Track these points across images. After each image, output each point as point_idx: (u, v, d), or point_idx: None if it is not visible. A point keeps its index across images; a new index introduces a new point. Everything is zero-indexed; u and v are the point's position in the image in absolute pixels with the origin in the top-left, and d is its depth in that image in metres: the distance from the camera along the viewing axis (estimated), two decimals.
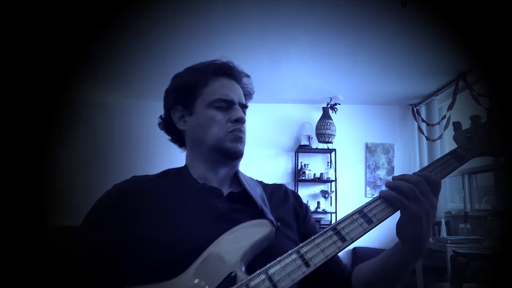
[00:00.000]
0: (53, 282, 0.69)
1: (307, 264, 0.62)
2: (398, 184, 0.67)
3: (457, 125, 0.80)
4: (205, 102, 0.84)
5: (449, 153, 0.77)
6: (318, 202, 4.35)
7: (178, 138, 0.92)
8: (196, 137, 0.85)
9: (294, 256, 0.63)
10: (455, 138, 0.79)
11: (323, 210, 4.30)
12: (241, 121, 0.83)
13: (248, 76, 0.92)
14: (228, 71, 0.88)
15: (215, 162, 0.84)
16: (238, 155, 0.83)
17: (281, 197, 0.89)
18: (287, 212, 0.85)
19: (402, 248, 0.69)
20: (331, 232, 0.65)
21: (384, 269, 0.73)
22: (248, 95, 0.93)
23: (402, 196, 0.66)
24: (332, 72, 3.67)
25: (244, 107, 0.88)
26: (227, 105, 0.84)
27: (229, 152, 0.82)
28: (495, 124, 0.74)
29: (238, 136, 0.83)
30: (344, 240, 0.64)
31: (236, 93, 0.87)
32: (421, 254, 0.69)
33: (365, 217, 0.67)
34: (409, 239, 0.67)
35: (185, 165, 0.88)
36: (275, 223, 0.71)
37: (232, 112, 0.83)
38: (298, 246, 0.64)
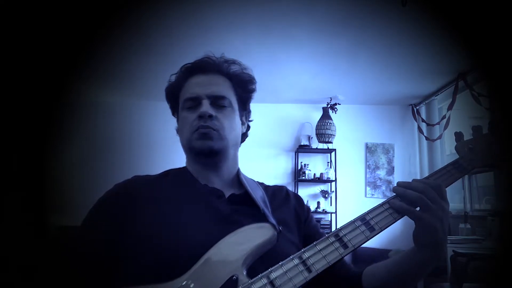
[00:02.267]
0: (53, 282, 0.69)
1: (309, 269, 0.62)
2: (408, 193, 0.66)
3: (459, 136, 0.80)
4: (181, 106, 0.85)
5: (451, 164, 0.77)
6: (318, 202, 4.35)
7: None
8: (181, 142, 0.86)
9: (296, 261, 0.63)
10: (457, 149, 0.79)
11: (323, 210, 4.30)
12: (203, 116, 0.79)
13: (234, 62, 0.88)
14: (200, 66, 0.85)
15: (196, 162, 0.84)
16: (207, 152, 0.80)
17: (282, 199, 0.89)
18: (288, 214, 0.85)
19: (419, 253, 0.69)
20: (333, 239, 0.66)
21: (400, 272, 0.73)
22: (244, 82, 0.89)
23: (412, 205, 0.66)
24: (332, 72, 3.67)
25: (220, 98, 0.82)
26: (194, 103, 0.82)
27: (197, 151, 0.81)
28: (496, 135, 0.74)
29: (202, 132, 0.79)
30: (346, 247, 0.64)
31: (207, 87, 0.82)
32: (439, 259, 0.69)
33: (367, 225, 0.67)
34: (426, 247, 0.67)
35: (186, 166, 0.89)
36: (277, 227, 0.70)
37: (199, 109, 0.80)
38: (300, 251, 0.64)
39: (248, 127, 0.94)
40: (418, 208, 0.67)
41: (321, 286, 0.74)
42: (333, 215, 4.26)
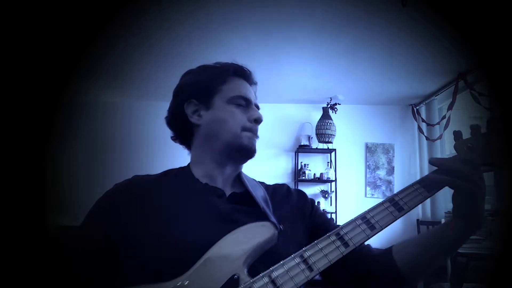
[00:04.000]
0: (53, 282, 0.69)
1: (310, 268, 0.62)
2: (448, 163, 0.70)
3: (457, 134, 0.80)
4: (225, 98, 0.85)
5: None
6: (318, 202, 4.35)
7: (184, 135, 0.90)
8: (211, 131, 0.84)
9: (297, 260, 0.63)
10: (455, 148, 0.79)
11: (323, 210, 4.30)
12: (259, 121, 0.86)
13: (256, 83, 0.94)
14: (245, 74, 0.90)
15: (226, 158, 0.84)
16: (252, 153, 0.85)
17: (283, 197, 0.89)
18: (290, 211, 0.85)
19: (458, 223, 0.71)
20: (334, 237, 0.66)
21: (436, 243, 0.74)
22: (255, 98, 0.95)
23: (451, 176, 0.68)
24: (332, 72, 3.67)
25: (257, 107, 0.90)
26: (246, 103, 0.86)
27: (245, 149, 0.83)
28: (495, 134, 0.74)
29: (253, 136, 0.85)
30: (347, 246, 0.65)
31: (252, 95, 0.89)
32: (479, 228, 0.71)
33: (368, 223, 0.67)
34: (466, 215, 0.70)
35: (188, 164, 0.88)
36: (277, 226, 0.71)
37: (251, 111, 0.86)
38: (302, 250, 0.64)
39: None
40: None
41: (355, 272, 0.77)
42: (333, 215, 4.26)
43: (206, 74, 0.88)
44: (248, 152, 0.84)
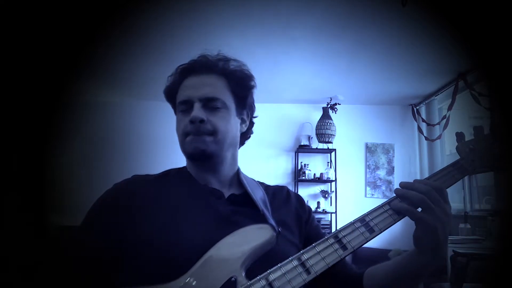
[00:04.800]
0: (53, 282, 0.69)
1: (308, 271, 0.62)
2: (410, 194, 0.66)
3: (460, 136, 0.79)
4: (176, 108, 0.85)
5: (452, 165, 0.76)
6: (318, 202, 4.35)
7: None
8: None
9: (295, 262, 0.63)
10: (458, 149, 0.79)
11: (323, 210, 4.30)
12: (194, 120, 0.77)
13: (230, 59, 0.86)
14: (193, 67, 0.84)
15: (193, 165, 0.84)
16: (199, 155, 0.79)
17: (283, 200, 0.88)
18: (288, 215, 0.84)
19: (420, 255, 0.69)
20: (332, 240, 0.65)
21: (400, 273, 0.73)
22: (240, 79, 0.86)
23: (414, 207, 0.65)
24: (332, 72, 3.67)
25: (211, 100, 0.80)
26: (186, 107, 0.81)
27: (189, 155, 0.81)
28: (497, 137, 0.74)
29: (193, 137, 0.79)
30: (345, 249, 0.64)
31: (199, 89, 0.80)
32: (440, 262, 0.69)
33: (367, 226, 0.67)
34: (427, 249, 0.67)
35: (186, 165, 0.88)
36: (276, 228, 0.70)
37: (192, 112, 0.79)
38: (299, 253, 0.64)
39: (252, 124, 0.92)
40: (420, 210, 0.66)
41: (322, 287, 0.74)
42: (333, 215, 4.26)
43: (167, 86, 0.87)
44: (196, 157, 0.80)
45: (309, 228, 0.87)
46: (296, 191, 4.19)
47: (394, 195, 0.69)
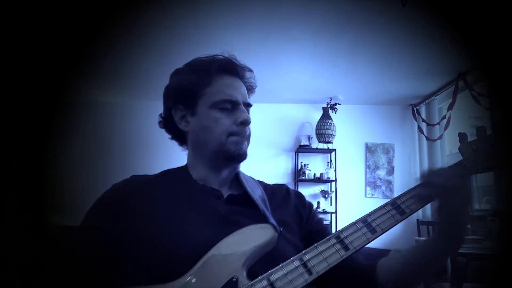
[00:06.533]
0: (53, 282, 0.69)
1: (309, 271, 0.61)
2: (436, 179, 0.68)
3: (462, 136, 0.79)
4: (209, 103, 0.80)
5: (455, 165, 0.76)
6: (318, 202, 4.35)
7: (179, 137, 0.89)
8: (199, 139, 0.82)
9: (296, 263, 0.63)
10: (460, 150, 0.79)
11: (323, 210, 4.30)
12: (246, 123, 0.80)
13: (250, 70, 0.88)
14: (232, 68, 0.84)
15: (218, 164, 0.82)
16: (241, 158, 0.81)
17: (282, 198, 0.87)
18: (288, 213, 0.84)
19: (439, 241, 0.69)
20: (334, 241, 0.65)
21: (420, 262, 0.74)
22: (250, 89, 0.89)
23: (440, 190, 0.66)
24: (332, 72, 3.67)
25: (248, 106, 0.84)
26: (231, 106, 0.80)
27: (232, 156, 0.80)
28: (500, 138, 0.74)
29: (241, 139, 0.80)
30: (347, 249, 0.64)
31: (241, 92, 0.83)
32: (459, 247, 0.70)
33: (369, 227, 0.67)
34: (448, 232, 0.68)
35: (185, 165, 0.87)
36: (277, 228, 0.70)
37: (237, 113, 0.80)
38: (301, 253, 0.64)
39: None
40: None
41: (332, 281, 0.74)
42: (333, 215, 4.25)
43: (190, 75, 0.82)
44: (237, 158, 0.80)
45: (311, 224, 0.86)
46: None
47: (394, 195, 0.70)
